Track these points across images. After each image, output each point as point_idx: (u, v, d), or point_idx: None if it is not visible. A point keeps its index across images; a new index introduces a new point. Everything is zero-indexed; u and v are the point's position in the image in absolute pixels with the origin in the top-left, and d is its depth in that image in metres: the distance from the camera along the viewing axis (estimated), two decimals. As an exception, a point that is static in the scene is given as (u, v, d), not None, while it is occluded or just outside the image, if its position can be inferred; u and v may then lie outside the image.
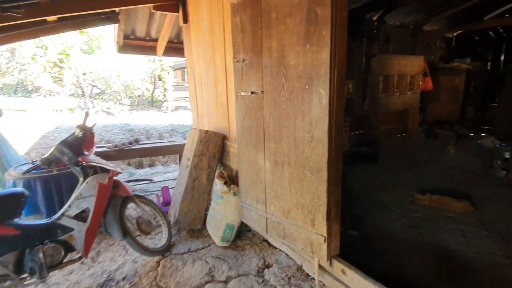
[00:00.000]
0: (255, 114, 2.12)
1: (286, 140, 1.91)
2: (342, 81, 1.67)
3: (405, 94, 6.47)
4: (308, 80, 1.70)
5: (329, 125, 1.65)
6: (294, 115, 1.83)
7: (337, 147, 1.74)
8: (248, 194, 2.35)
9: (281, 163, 1.99)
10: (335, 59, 1.60)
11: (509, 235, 2.47)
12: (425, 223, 2.74)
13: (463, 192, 3.47)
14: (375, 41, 6.25)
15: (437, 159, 5.03)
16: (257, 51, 2.01)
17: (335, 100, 1.65)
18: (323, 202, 1.76)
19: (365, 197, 3.47)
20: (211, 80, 3.16)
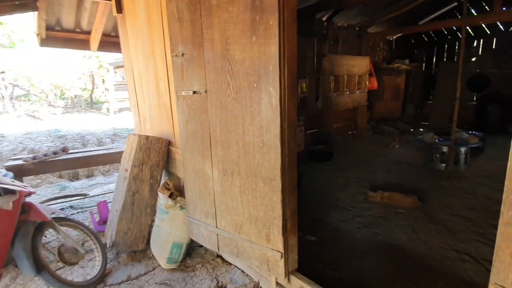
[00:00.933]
0: (199, 117, 1.84)
1: (235, 146, 1.68)
2: (294, 78, 1.49)
3: (354, 93, 6.74)
4: (256, 77, 1.49)
5: (281, 128, 1.46)
6: (242, 117, 1.60)
7: (291, 152, 1.56)
8: (196, 208, 2.07)
9: (230, 172, 1.75)
10: (285, 53, 1.40)
11: (453, 227, 2.58)
12: (378, 221, 2.75)
13: (410, 186, 3.63)
14: (325, 41, 6.38)
15: (385, 154, 5.30)
16: (198, 44, 1.73)
17: (286, 100, 1.46)
18: (278, 214, 1.57)
19: (321, 197, 3.42)
20: (151, 77, 2.78)
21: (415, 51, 8.98)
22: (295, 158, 1.61)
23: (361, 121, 7.45)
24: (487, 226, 2.58)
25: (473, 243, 2.32)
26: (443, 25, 7.20)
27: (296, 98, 1.54)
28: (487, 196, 3.25)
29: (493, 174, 4.01)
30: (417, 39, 8.93)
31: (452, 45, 8.34)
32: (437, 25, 7.31)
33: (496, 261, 0.88)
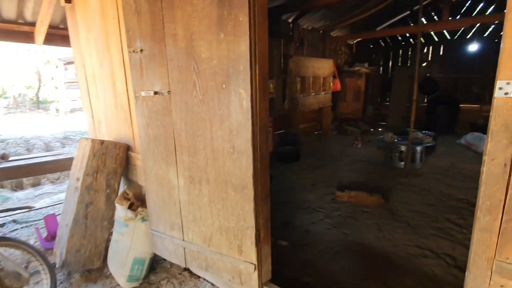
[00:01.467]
0: (162, 120, 1.67)
1: (203, 152, 1.54)
2: (265, 79, 1.41)
3: (319, 95, 6.92)
4: (225, 77, 1.37)
5: (253, 132, 1.37)
6: (210, 121, 1.48)
7: (263, 158, 1.47)
8: (160, 219, 1.89)
9: (198, 180, 1.61)
10: (256, 53, 1.31)
11: (415, 223, 2.71)
12: (347, 221, 2.79)
13: (373, 184, 3.78)
14: (291, 43, 6.45)
15: (349, 154, 5.49)
16: (159, 39, 1.56)
17: (258, 102, 1.37)
18: (251, 224, 1.47)
19: (291, 199, 3.40)
20: (106, 75, 2.51)
21: (373, 56, 9.52)
22: (268, 163, 1.52)
23: (326, 122, 7.68)
24: (444, 220, 2.75)
25: (433, 238, 2.45)
26: (398, 31, 7.71)
27: (268, 100, 1.45)
28: (441, 192, 3.49)
29: (444, 170, 4.35)
30: (375, 44, 9.47)
31: (405, 51, 8.99)
32: (393, 31, 7.80)
33: (473, 266, 0.88)
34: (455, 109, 7.57)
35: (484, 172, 0.83)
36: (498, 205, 0.82)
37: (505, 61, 0.76)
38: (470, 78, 8.13)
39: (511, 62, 0.74)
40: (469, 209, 2.99)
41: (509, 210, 0.79)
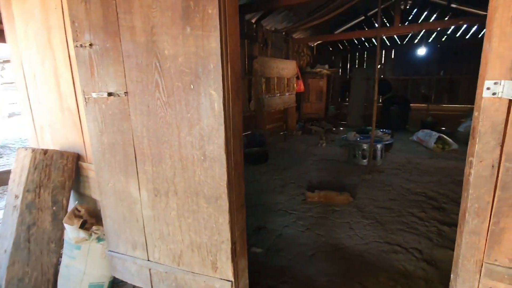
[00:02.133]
0: (119, 126, 1.45)
1: (169, 161, 1.37)
2: (238, 79, 1.29)
3: (284, 95, 6.98)
4: (194, 77, 1.22)
5: (226, 137, 1.24)
6: (177, 125, 1.31)
7: (237, 165, 1.35)
8: (120, 239, 1.66)
9: (164, 192, 1.43)
10: (227, 50, 1.18)
11: (382, 219, 2.81)
12: (319, 222, 2.79)
13: (340, 182, 3.88)
14: (255, 43, 6.40)
15: (315, 153, 5.60)
16: (113, 32, 1.35)
17: (231, 104, 1.24)
18: (226, 238, 1.34)
19: (262, 202, 3.32)
20: (49, 75, 2.17)
21: (333, 58, 9.93)
22: (242, 170, 1.41)
23: (291, 122, 7.79)
24: (408, 215, 2.89)
25: (400, 233, 2.55)
26: (357, 35, 8.11)
27: (241, 102, 1.34)
28: (402, 187, 3.69)
29: (402, 166, 4.63)
30: (334, 46, 9.89)
31: (361, 54, 9.52)
32: (352, 34, 8.19)
33: (462, 270, 0.87)
34: (406, 108, 8.20)
35: (472, 174, 0.81)
36: (486, 208, 0.80)
37: (492, 60, 0.74)
38: (418, 80, 8.89)
39: (499, 62, 0.73)
40: (428, 202, 3.20)
41: (497, 212, 0.78)
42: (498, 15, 0.70)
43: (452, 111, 8.28)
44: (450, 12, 7.71)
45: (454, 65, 8.27)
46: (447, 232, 2.55)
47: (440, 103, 8.60)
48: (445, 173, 4.19)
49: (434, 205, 3.14)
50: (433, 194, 3.44)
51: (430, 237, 2.47)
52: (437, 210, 3.01)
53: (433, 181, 3.89)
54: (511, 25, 0.69)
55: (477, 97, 0.82)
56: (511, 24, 0.69)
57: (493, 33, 0.73)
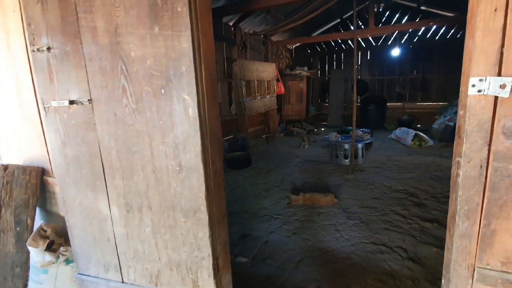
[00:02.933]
0: (84, 137, 1.32)
1: (142, 173, 1.26)
2: (214, 81, 1.20)
3: (265, 98, 6.95)
4: (165, 80, 1.13)
5: (203, 145, 1.15)
6: (149, 134, 1.20)
7: (217, 173, 1.26)
8: (91, 260, 1.51)
9: (137, 208, 1.31)
10: (201, 50, 1.10)
11: (366, 219, 2.81)
12: (305, 226, 2.74)
13: (324, 183, 3.87)
14: (233, 46, 6.33)
15: (297, 155, 5.59)
16: (73, 34, 1.23)
17: (207, 109, 1.16)
18: (207, 253, 1.24)
19: (247, 208, 3.23)
20: (9, 82, 1.97)
21: (311, 60, 10.06)
22: (222, 178, 1.32)
23: (273, 124, 7.77)
24: (391, 213, 2.91)
25: (385, 232, 2.55)
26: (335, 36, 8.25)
27: (218, 106, 1.25)
28: (383, 185, 3.74)
29: (382, 164, 4.72)
30: (312, 49, 10.03)
31: (339, 55, 9.72)
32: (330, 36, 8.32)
33: (454, 276, 0.83)
34: (383, 107, 8.45)
35: (460, 175, 0.78)
36: (476, 209, 0.77)
37: (476, 56, 0.71)
38: (393, 80, 9.20)
39: (484, 58, 0.70)
40: (409, 199, 3.25)
41: (487, 214, 0.75)
42: (481, 8, 0.67)
43: (425, 108, 8.62)
44: (420, 14, 8.05)
45: (426, 64, 8.64)
46: (429, 228, 2.59)
47: (414, 101, 8.93)
48: (423, 169, 4.30)
49: (415, 201, 3.19)
50: (413, 190, 3.51)
51: (413, 235, 2.49)
52: (418, 206, 3.06)
53: (413, 177, 3.98)
54: (494, 19, 0.66)
55: (461, 95, 0.80)
56: (495, 18, 0.66)
57: (476, 27, 0.70)
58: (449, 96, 7.96)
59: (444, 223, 2.72)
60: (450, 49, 8.19)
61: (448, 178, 3.20)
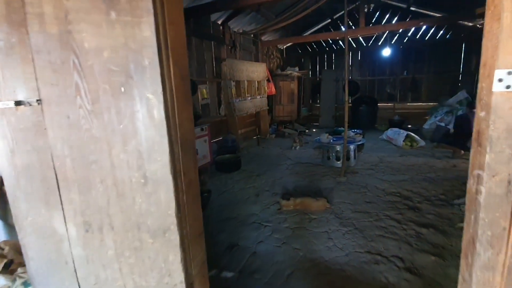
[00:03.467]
0: (34, 143, 1.12)
1: (101, 186, 1.07)
2: (185, 77, 1.02)
3: (256, 98, 6.79)
4: (124, 76, 0.94)
5: (172, 153, 0.97)
6: (108, 141, 1.02)
7: (191, 185, 1.08)
8: (49, 286, 1.30)
9: (97, 227, 1.12)
10: (168, 40, 0.92)
11: (360, 225, 2.67)
12: (296, 234, 2.58)
13: (316, 187, 3.73)
14: (222, 45, 6.15)
15: (289, 157, 5.44)
16: (18, 22, 1.03)
17: (177, 110, 0.98)
18: (179, 279, 1.06)
19: (235, 214, 3.05)
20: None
21: (302, 60, 9.95)
22: (198, 191, 1.14)
23: (264, 125, 7.62)
24: (385, 218, 2.78)
25: (380, 239, 2.42)
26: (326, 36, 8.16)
27: (191, 107, 1.08)
28: (377, 187, 3.62)
29: (375, 166, 4.61)
30: (303, 49, 9.92)
31: (330, 56, 9.64)
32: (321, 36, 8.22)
33: (474, 315, 0.68)
34: (374, 108, 8.39)
35: (483, 193, 0.63)
36: (502, 236, 0.62)
37: (504, 42, 0.56)
38: (384, 80, 9.17)
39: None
40: (403, 203, 3.13)
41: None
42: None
43: (416, 109, 8.62)
44: (410, 15, 8.04)
45: (416, 65, 8.64)
46: (425, 234, 2.46)
47: (405, 102, 8.92)
48: (415, 171, 4.21)
49: (409, 205, 3.07)
50: (407, 193, 3.40)
51: (409, 242, 2.36)
52: (413, 210, 2.94)
53: (406, 179, 3.88)
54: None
55: (481, 92, 0.64)
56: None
57: (503, 7, 0.55)
58: (439, 96, 7.97)
59: (440, 227, 2.61)
60: (439, 49, 8.21)
61: (441, 180, 3.08)
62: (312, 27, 9.22)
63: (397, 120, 7.91)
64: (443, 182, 3.68)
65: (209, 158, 4.51)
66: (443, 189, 3.45)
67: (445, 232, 2.48)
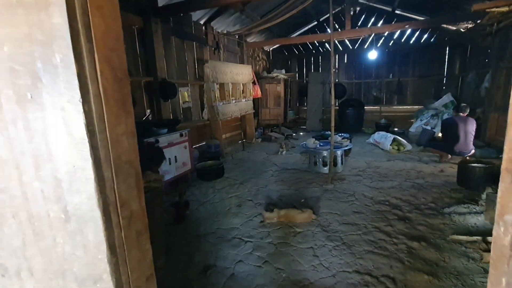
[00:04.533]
0: None
1: (13, 222, 0.81)
2: (122, 79, 0.78)
3: (240, 101, 6.56)
4: (31, 79, 0.70)
5: (100, 180, 0.73)
6: (16, 164, 0.77)
7: (133, 220, 0.84)
8: None
9: (15, 271, 0.86)
10: (92, 28, 0.68)
11: (348, 240, 2.48)
12: (279, 251, 2.37)
13: (302, 196, 3.53)
14: (205, 46, 5.91)
15: (275, 162, 5.25)
16: None
17: (108, 124, 0.74)
18: None
19: (214, 228, 2.80)
20: None
21: (289, 62, 9.82)
22: (144, 224, 0.90)
23: (250, 129, 7.40)
24: (374, 231, 2.61)
25: (369, 256, 2.23)
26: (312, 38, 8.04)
27: (132, 116, 0.84)
28: (364, 195, 3.47)
29: (362, 171, 4.47)
30: (290, 51, 9.80)
31: (316, 58, 9.56)
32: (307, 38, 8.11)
33: None
34: (361, 111, 8.34)
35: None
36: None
37: None
38: (370, 83, 9.16)
39: None
40: (392, 212, 2.98)
41: None
42: None
43: (402, 112, 8.64)
44: (395, 18, 8.06)
45: (401, 68, 8.67)
46: (417, 249, 2.30)
47: (390, 105, 8.93)
48: (403, 176, 4.10)
49: (398, 215, 2.92)
50: (396, 201, 3.25)
51: (400, 258, 2.18)
52: (403, 221, 2.79)
53: (394, 186, 3.75)
54: None
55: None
56: None
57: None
58: (424, 99, 8.01)
59: (432, 240, 2.45)
60: (424, 53, 8.27)
61: (430, 187, 2.86)
62: (298, 29, 9.12)
63: (383, 124, 7.88)
64: (432, 189, 3.56)
65: (189, 165, 4.25)
66: (432, 197, 3.32)
67: (438, 246, 2.32)
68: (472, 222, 2.66)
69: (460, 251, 2.23)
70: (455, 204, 3.06)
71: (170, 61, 4.82)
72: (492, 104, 5.28)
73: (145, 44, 4.24)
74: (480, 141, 5.38)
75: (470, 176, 3.39)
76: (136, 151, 0.84)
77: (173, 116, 4.88)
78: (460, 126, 4.34)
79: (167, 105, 4.60)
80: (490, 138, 5.34)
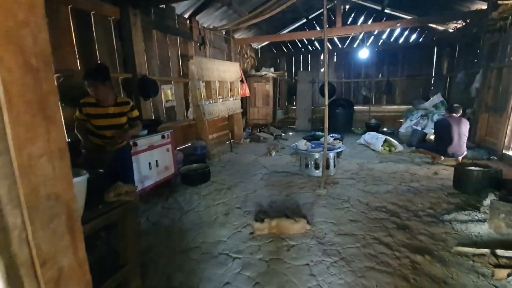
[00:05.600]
0: None
1: None
2: (43, 72, 0.49)
3: (228, 100, 6.27)
4: None
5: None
6: None
7: (63, 279, 0.55)
8: None
9: None
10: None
11: (347, 253, 2.27)
12: (271, 269, 2.11)
13: (294, 203, 3.30)
14: (190, 41, 5.57)
15: (264, 165, 5.00)
16: None
17: (11, 142, 0.45)
18: None
19: (198, 243, 2.52)
20: None
21: (278, 61, 9.59)
22: (87, 283, 0.62)
23: (238, 129, 7.12)
24: (374, 243, 2.41)
25: (371, 274, 2.02)
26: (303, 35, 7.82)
27: (60, 127, 0.56)
28: (360, 201, 3.28)
29: (355, 173, 4.30)
30: (279, 49, 9.57)
31: (305, 57, 9.37)
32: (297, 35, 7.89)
33: None
34: (350, 111, 8.23)
35: None
36: None
37: None
38: (359, 83, 9.06)
39: None
40: (390, 220, 2.79)
41: None
42: None
43: (391, 112, 8.59)
44: (384, 17, 7.98)
45: (390, 68, 8.62)
46: (422, 263, 2.11)
47: (379, 105, 8.87)
48: (398, 179, 3.95)
49: (397, 223, 2.74)
50: (393, 207, 3.08)
51: (405, 276, 1.98)
52: (403, 230, 2.60)
53: (389, 190, 3.58)
54: None
55: None
56: None
57: None
58: (413, 99, 7.98)
59: (436, 253, 2.26)
60: (412, 53, 8.24)
61: (426, 191, 2.58)
62: (287, 26, 8.91)
63: (374, 124, 7.79)
64: (428, 193, 3.42)
65: (172, 169, 3.93)
66: (429, 202, 3.17)
67: (443, 259, 2.14)
68: (476, 231, 2.50)
69: (467, 266, 2.05)
70: (455, 210, 2.92)
71: (151, 56, 4.47)
72: (483, 105, 5.23)
73: (123, 37, 3.88)
74: (470, 142, 5.34)
75: (468, 180, 3.26)
76: (68, 178, 0.56)
77: (155, 116, 4.53)
78: (454, 127, 4.24)
79: (148, 104, 4.26)
80: (480, 139, 5.30)
